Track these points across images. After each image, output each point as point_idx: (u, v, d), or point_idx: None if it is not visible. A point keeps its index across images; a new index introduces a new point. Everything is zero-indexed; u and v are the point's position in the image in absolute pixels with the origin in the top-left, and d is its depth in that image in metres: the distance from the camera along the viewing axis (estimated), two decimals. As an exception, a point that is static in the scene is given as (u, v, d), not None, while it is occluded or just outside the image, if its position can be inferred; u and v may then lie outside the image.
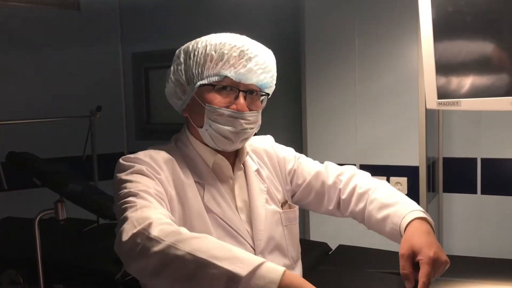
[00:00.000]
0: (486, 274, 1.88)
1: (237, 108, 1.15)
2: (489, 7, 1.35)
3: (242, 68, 1.14)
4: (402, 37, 2.58)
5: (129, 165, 1.11)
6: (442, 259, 1.02)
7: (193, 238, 0.89)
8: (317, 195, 1.34)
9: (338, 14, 2.73)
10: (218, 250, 0.86)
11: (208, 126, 1.17)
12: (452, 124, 2.89)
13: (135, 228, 0.91)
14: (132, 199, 1.01)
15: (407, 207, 1.16)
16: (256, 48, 1.17)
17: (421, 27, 1.43)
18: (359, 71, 2.71)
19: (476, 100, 1.40)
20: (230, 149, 1.21)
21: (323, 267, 2.16)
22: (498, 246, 2.76)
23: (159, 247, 0.87)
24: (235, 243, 1.16)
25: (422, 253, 1.01)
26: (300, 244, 1.36)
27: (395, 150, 2.65)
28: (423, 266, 0.99)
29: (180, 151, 1.23)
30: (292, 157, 1.38)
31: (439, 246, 1.05)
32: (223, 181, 1.23)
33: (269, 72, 1.19)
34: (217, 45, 1.15)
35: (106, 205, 2.15)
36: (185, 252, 0.85)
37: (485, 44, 1.38)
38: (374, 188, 1.27)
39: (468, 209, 2.89)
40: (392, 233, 1.17)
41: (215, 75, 1.14)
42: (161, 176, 1.11)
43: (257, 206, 1.23)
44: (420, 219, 1.12)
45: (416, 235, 1.06)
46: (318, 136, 2.84)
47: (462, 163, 2.88)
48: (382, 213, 1.20)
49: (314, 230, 2.88)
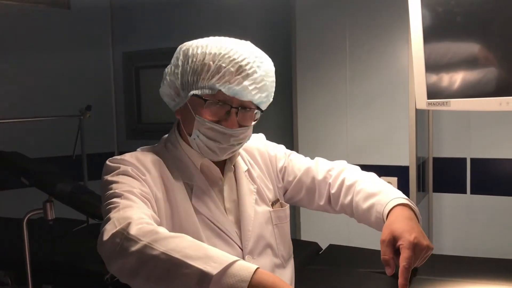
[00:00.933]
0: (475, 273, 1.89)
1: (227, 125, 1.13)
2: (479, 7, 1.36)
3: (236, 84, 1.10)
4: (393, 37, 2.59)
5: (115, 167, 1.11)
6: (423, 244, 1.00)
7: (169, 238, 0.89)
8: (308, 191, 1.34)
9: (329, 14, 2.74)
10: (192, 249, 0.86)
11: (196, 136, 1.16)
12: (442, 124, 2.90)
13: (115, 228, 0.92)
14: (116, 200, 1.01)
15: (390, 195, 1.16)
16: (257, 62, 1.13)
17: (411, 27, 1.44)
18: (350, 71, 2.71)
19: (465, 100, 1.41)
20: (215, 160, 1.21)
21: (313, 267, 2.16)
22: (488, 246, 2.78)
23: (136, 247, 0.88)
24: (223, 244, 1.16)
25: (402, 238, 1.00)
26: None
27: (385, 150, 2.66)
28: (403, 250, 0.98)
29: (169, 152, 1.22)
30: (282, 154, 1.37)
31: (421, 231, 1.04)
32: (212, 182, 1.22)
33: (264, 91, 1.15)
34: (216, 55, 1.11)
35: (96, 205, 2.14)
36: (160, 252, 0.86)
37: (474, 45, 1.39)
38: (361, 179, 1.27)
39: (458, 208, 2.91)
40: (377, 222, 1.16)
41: (209, 88, 1.11)
42: (147, 177, 1.11)
43: (246, 207, 1.23)
44: (402, 205, 1.11)
45: (397, 221, 1.05)
46: (309, 136, 2.84)
47: (451, 163, 2.90)
48: (367, 203, 1.19)
49: (305, 230, 2.88)
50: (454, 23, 1.40)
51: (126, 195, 1.03)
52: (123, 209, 0.98)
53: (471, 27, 1.38)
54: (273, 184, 1.34)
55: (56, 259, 2.29)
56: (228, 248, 1.16)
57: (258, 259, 1.21)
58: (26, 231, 2.00)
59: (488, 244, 2.79)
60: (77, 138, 3.23)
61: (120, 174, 1.09)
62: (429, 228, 2.96)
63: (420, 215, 1.14)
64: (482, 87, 1.38)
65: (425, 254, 1.02)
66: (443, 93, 1.44)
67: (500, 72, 1.35)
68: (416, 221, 1.08)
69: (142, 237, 0.89)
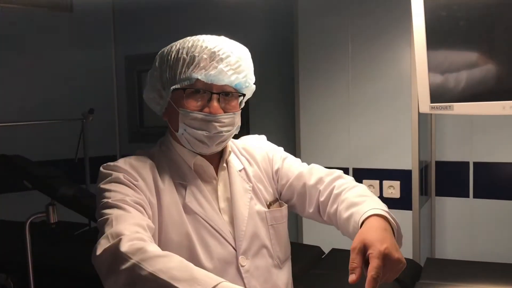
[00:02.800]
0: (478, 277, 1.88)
1: (210, 111, 1.14)
2: (482, 12, 1.36)
3: (212, 69, 1.13)
4: (395, 41, 2.59)
5: (108, 173, 1.13)
6: (393, 256, 0.96)
7: (157, 257, 0.91)
8: (299, 196, 1.32)
9: (331, 18, 2.74)
10: (178, 271, 0.88)
11: (183, 130, 1.17)
12: (444, 128, 2.90)
13: (107, 243, 0.95)
14: (108, 211, 1.03)
15: (369, 206, 1.11)
16: (229, 48, 1.16)
17: (414, 31, 1.44)
18: (352, 74, 2.71)
19: (468, 104, 1.40)
20: (208, 153, 1.21)
21: (316, 271, 2.16)
22: (491, 250, 2.77)
23: (126, 265, 0.91)
24: (217, 243, 1.16)
25: (373, 247, 0.96)
26: (292, 246, 1.36)
27: (388, 154, 2.65)
28: (372, 260, 0.94)
29: (164, 154, 1.24)
30: (278, 157, 1.36)
31: (394, 243, 1.00)
32: (206, 181, 1.23)
33: (241, 72, 1.17)
34: (189, 48, 1.14)
35: (98, 208, 2.14)
36: (148, 272, 0.89)
37: (478, 48, 1.39)
38: (349, 189, 1.23)
39: (461, 212, 2.90)
40: (354, 232, 1.09)
41: (187, 79, 1.14)
42: (139, 183, 1.12)
43: (240, 206, 1.22)
44: (378, 216, 1.07)
45: (370, 231, 1.02)
46: (311, 140, 2.84)
47: (454, 166, 2.89)
48: (348, 212, 1.15)
49: (307, 234, 2.88)
50: (457, 27, 1.40)
51: (119, 205, 1.04)
52: (116, 221, 1.00)
53: (474, 31, 1.38)
54: (271, 185, 1.34)
55: (58, 263, 2.29)
56: (221, 248, 1.16)
57: (253, 260, 1.20)
58: (29, 234, 2.00)
59: (491, 248, 2.78)
60: (80, 142, 3.23)
61: (112, 181, 1.10)
62: (432, 232, 2.95)
63: (400, 230, 1.10)
64: (485, 91, 1.37)
65: (396, 267, 0.97)
66: (446, 97, 1.43)
67: (504, 75, 1.35)
68: (391, 232, 1.04)
69: (132, 255, 0.91)
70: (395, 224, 1.09)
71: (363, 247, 0.98)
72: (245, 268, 1.18)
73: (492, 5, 1.33)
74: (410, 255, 2.53)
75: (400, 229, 1.11)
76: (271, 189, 1.33)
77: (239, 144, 1.35)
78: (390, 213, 1.10)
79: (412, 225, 2.55)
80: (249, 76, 1.21)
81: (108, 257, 0.94)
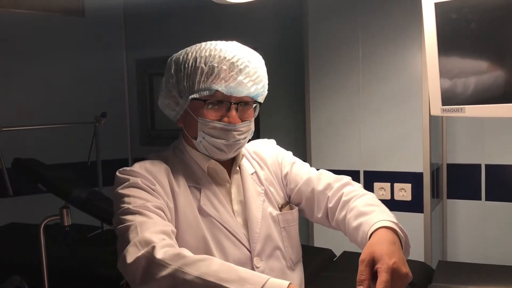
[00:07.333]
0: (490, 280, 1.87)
1: (229, 121, 1.17)
2: (493, 14, 1.35)
3: (232, 81, 1.15)
4: (406, 43, 2.59)
5: (125, 178, 1.14)
6: (401, 271, 0.97)
7: (198, 261, 0.94)
8: (307, 201, 1.33)
9: (342, 21, 2.74)
10: (224, 272, 0.91)
11: (202, 138, 1.19)
12: (456, 131, 2.89)
13: (139, 251, 0.96)
14: (130, 218, 1.05)
15: (379, 217, 1.12)
16: (246, 58, 1.17)
17: (425, 33, 1.44)
18: (363, 77, 2.71)
19: (480, 107, 1.40)
20: (224, 159, 1.24)
21: (327, 274, 2.16)
22: (503, 253, 2.75)
23: (166, 271, 0.92)
24: (232, 245, 1.18)
25: (381, 261, 0.97)
26: (303, 249, 1.37)
27: (399, 157, 2.65)
28: (381, 274, 0.96)
29: (178, 158, 1.26)
30: (287, 161, 1.38)
31: (403, 257, 1.01)
32: (219, 184, 1.25)
33: (259, 82, 1.20)
34: (207, 57, 1.16)
35: (111, 211, 2.15)
36: (194, 276, 0.91)
37: (489, 51, 1.39)
38: (358, 197, 1.24)
39: (472, 215, 2.89)
40: (362, 242, 1.12)
41: (206, 89, 1.15)
42: (156, 187, 1.14)
43: (253, 209, 1.24)
44: (387, 228, 1.08)
45: (379, 243, 1.02)
46: (322, 142, 2.84)
47: (466, 169, 2.87)
48: (357, 222, 1.16)
49: (319, 237, 2.88)
50: (468, 29, 1.39)
51: (140, 211, 1.06)
52: (141, 228, 1.01)
53: (485, 33, 1.38)
54: (281, 188, 1.35)
55: (72, 265, 2.32)
56: (236, 250, 1.18)
57: (267, 261, 1.22)
58: (43, 237, 2.03)
59: (503, 251, 2.76)
60: (92, 145, 3.26)
61: (131, 186, 1.12)
62: (443, 235, 2.93)
63: (408, 241, 1.11)
64: (497, 93, 1.37)
65: (403, 281, 0.99)
66: (457, 99, 1.43)
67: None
68: (399, 246, 1.05)
69: (170, 261, 0.93)
70: (403, 235, 1.10)
71: (372, 260, 0.99)
72: (260, 269, 1.20)
73: (503, 6, 1.33)
74: (422, 257, 2.51)
75: (408, 240, 1.12)
76: (282, 192, 1.35)
77: (250, 148, 1.37)
78: (398, 224, 1.12)
79: (424, 228, 2.54)
80: (266, 84, 1.24)
81: (143, 265, 0.95)
